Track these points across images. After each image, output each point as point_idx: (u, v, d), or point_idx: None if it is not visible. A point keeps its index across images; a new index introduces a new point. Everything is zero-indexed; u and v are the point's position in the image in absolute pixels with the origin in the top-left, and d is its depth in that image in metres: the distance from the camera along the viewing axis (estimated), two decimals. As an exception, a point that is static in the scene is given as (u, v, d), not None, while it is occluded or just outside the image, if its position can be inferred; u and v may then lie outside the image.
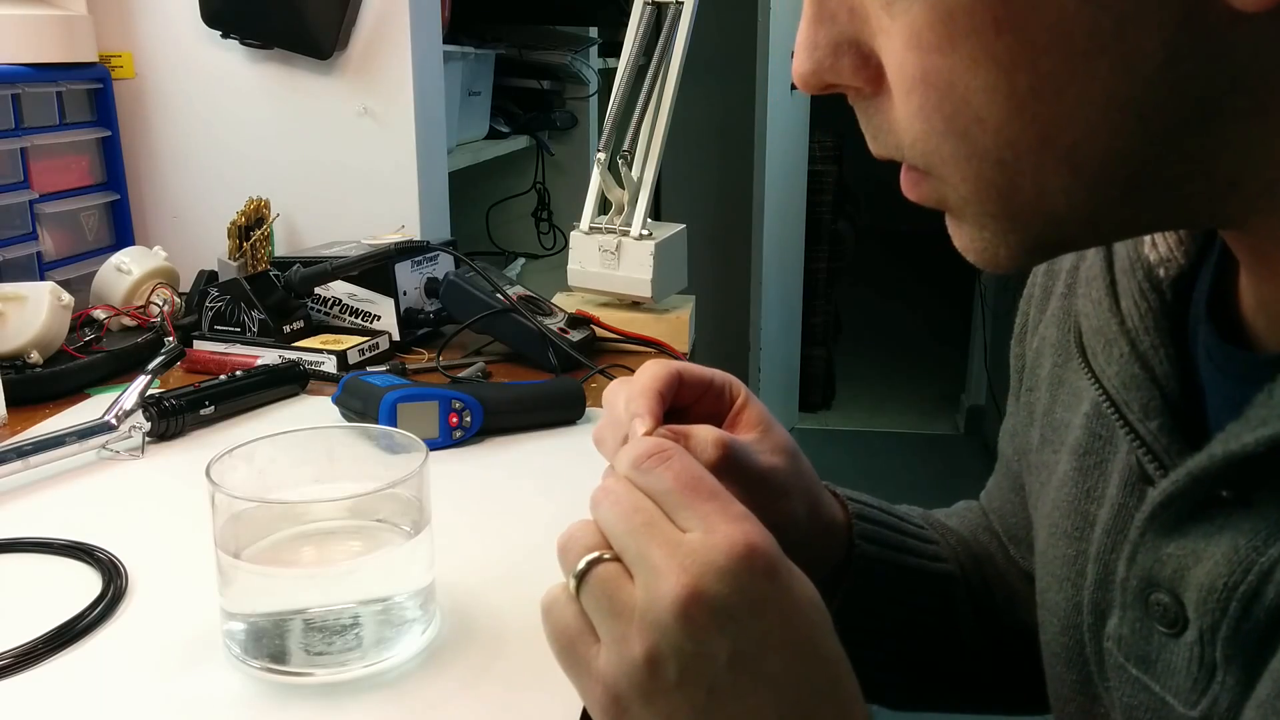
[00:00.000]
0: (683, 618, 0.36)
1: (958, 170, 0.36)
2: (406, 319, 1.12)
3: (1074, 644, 0.50)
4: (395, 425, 0.80)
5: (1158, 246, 0.43)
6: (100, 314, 1.08)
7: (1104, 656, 0.46)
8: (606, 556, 0.38)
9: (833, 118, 3.89)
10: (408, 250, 1.09)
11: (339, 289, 1.12)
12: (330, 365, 1.02)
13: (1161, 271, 0.43)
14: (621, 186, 1.13)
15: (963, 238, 0.39)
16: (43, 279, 1.14)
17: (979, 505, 0.72)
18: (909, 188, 0.39)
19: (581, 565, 0.39)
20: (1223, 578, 0.37)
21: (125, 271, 1.12)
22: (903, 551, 0.60)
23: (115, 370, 1.00)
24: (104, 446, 0.81)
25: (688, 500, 0.38)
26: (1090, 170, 0.34)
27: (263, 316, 1.04)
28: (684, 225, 1.19)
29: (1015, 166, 0.34)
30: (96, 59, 1.27)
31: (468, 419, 0.84)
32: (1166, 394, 0.41)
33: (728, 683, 0.36)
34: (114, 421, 0.81)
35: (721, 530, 0.37)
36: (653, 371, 0.49)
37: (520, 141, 2.02)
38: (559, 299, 1.17)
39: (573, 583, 0.39)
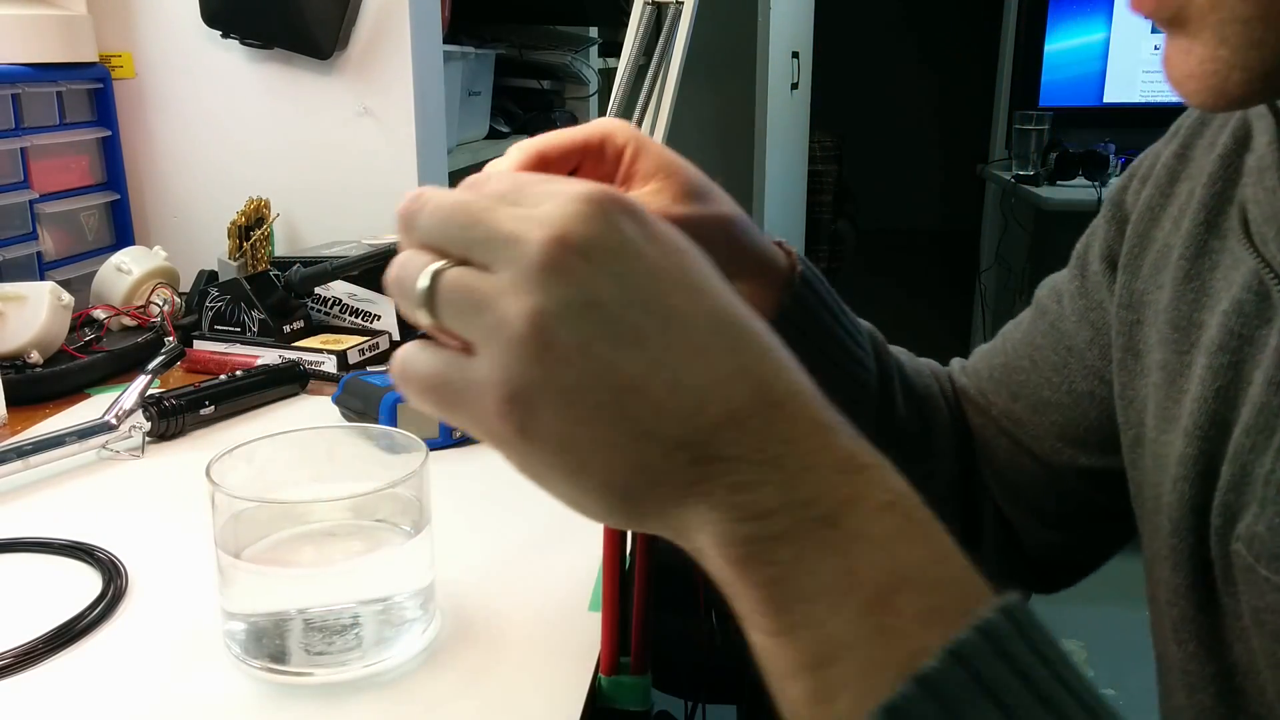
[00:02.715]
0: (556, 268, 0.31)
1: None
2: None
3: (1186, 546, 0.48)
4: (395, 425, 0.80)
5: None
6: (100, 314, 1.08)
7: (1231, 559, 0.45)
8: (447, 265, 0.33)
9: (833, 118, 3.89)
10: (408, 250, 1.09)
11: (339, 289, 1.12)
12: (330, 365, 1.02)
13: None
14: (621, 186, 1.13)
15: (1191, 61, 0.38)
16: (43, 279, 1.14)
17: (939, 367, 0.71)
18: None
19: (424, 283, 0.33)
20: None
21: (125, 271, 1.12)
22: (832, 336, 0.57)
23: (115, 370, 1.00)
24: (104, 446, 0.81)
25: (523, 190, 0.34)
26: None
27: (263, 316, 1.04)
28: (684, 225, 1.19)
29: None
30: (96, 59, 1.27)
31: (468, 419, 0.84)
32: None
33: (629, 327, 0.31)
34: (114, 421, 0.81)
35: (569, 188, 0.33)
36: (506, 158, 0.44)
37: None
38: (559, 299, 1.17)
39: (422, 311, 0.34)
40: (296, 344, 1.04)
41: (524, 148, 0.44)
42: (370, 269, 1.09)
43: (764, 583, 0.31)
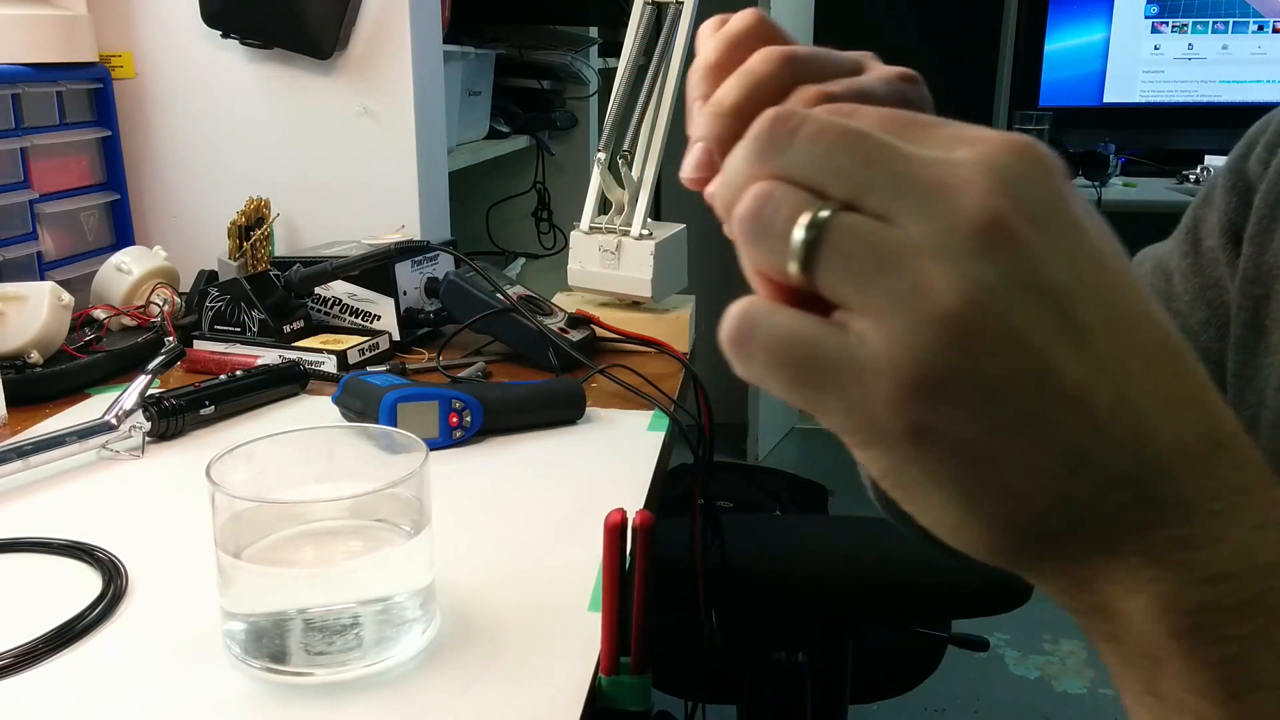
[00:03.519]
0: (1002, 233, 0.24)
1: None
2: (406, 319, 1.12)
3: None
4: (395, 425, 0.80)
5: None
6: (100, 314, 1.08)
7: None
8: (835, 208, 0.26)
9: (833, 118, 3.90)
10: (408, 250, 1.09)
11: (339, 289, 1.12)
12: (330, 365, 1.02)
13: None
14: (622, 186, 1.13)
15: None
16: (43, 279, 1.14)
17: None
18: None
19: (802, 233, 0.26)
20: None
21: (125, 271, 1.12)
22: None
23: (115, 370, 1.00)
24: (104, 446, 0.81)
25: (920, 128, 0.27)
26: None
27: (263, 316, 1.04)
28: (684, 225, 1.19)
29: None
30: (96, 59, 1.27)
31: (468, 419, 0.84)
32: None
33: (1076, 322, 0.25)
34: (114, 421, 0.81)
35: (990, 133, 0.26)
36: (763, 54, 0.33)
37: (520, 141, 2.02)
38: (559, 299, 1.17)
39: (793, 263, 0.26)
40: (296, 344, 1.04)
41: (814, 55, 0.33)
42: (370, 269, 1.09)
43: (1216, 663, 0.25)
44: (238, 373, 0.93)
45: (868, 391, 0.25)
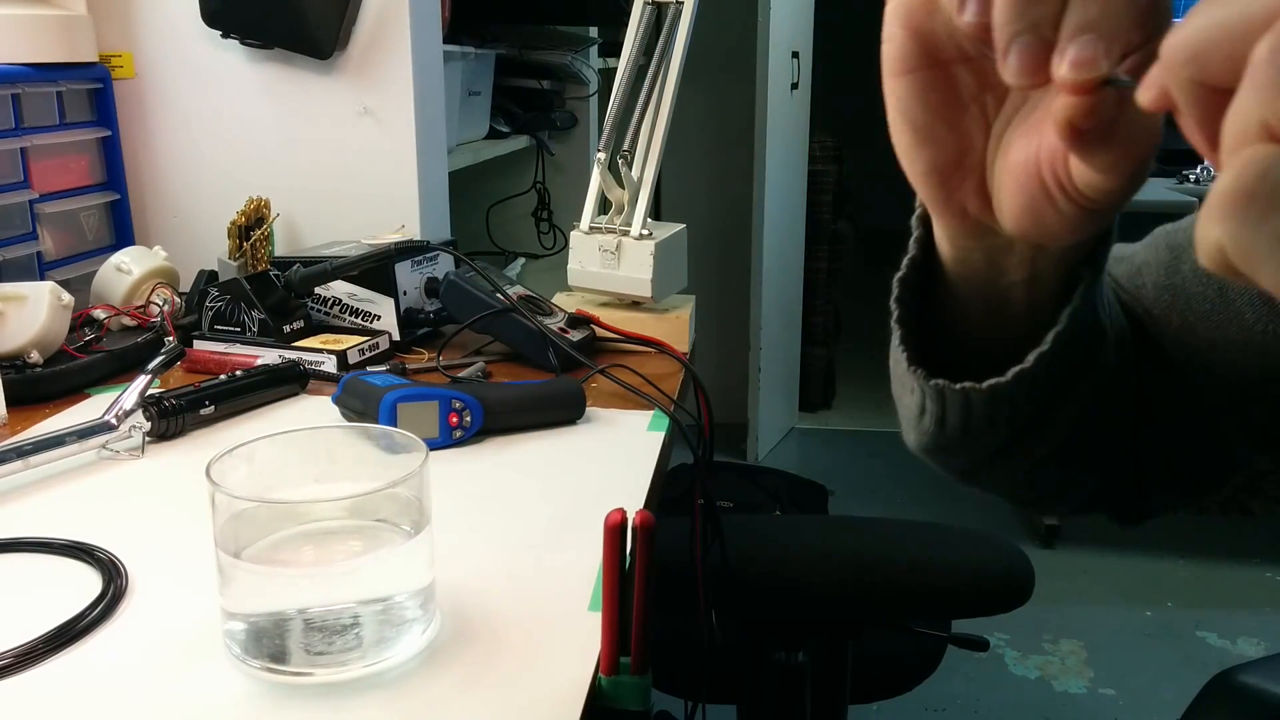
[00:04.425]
0: None
1: None
2: (406, 319, 1.12)
3: None
4: (395, 425, 0.80)
5: None
6: (100, 314, 1.08)
7: None
8: None
9: (833, 118, 3.89)
10: (408, 250, 1.09)
11: (339, 289, 1.12)
12: (330, 365, 1.02)
13: None
14: (621, 186, 1.13)
15: None
16: (43, 279, 1.14)
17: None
18: None
19: None
20: None
21: (125, 271, 1.12)
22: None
23: (115, 370, 1.00)
24: (104, 446, 0.81)
25: None
26: None
27: (263, 316, 1.04)
28: (684, 225, 1.19)
29: None
30: (97, 59, 1.27)
31: (468, 419, 0.84)
32: None
33: None
34: (114, 421, 0.81)
35: None
36: None
37: (520, 141, 2.02)
38: (559, 299, 1.17)
39: None
40: (296, 344, 1.04)
41: None
42: (370, 269, 1.09)
43: None
44: (238, 373, 0.93)
45: None
